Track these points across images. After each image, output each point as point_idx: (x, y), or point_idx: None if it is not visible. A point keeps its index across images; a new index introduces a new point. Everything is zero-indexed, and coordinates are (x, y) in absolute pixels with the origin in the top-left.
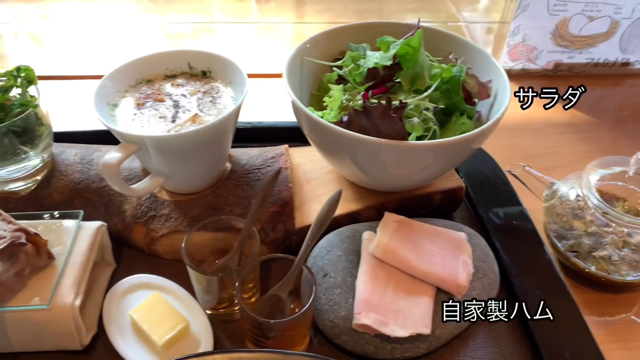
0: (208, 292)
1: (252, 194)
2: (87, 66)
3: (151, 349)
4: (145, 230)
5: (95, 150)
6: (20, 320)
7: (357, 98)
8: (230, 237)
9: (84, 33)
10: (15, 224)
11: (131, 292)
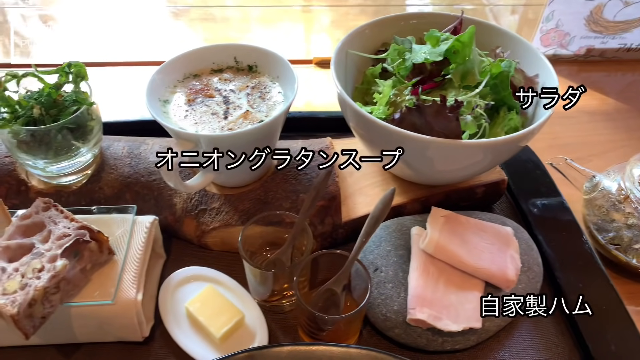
0: (262, 284)
1: (300, 188)
2: (110, 53)
3: (208, 341)
4: (195, 223)
5: (141, 143)
6: (85, 314)
7: (404, 93)
8: (280, 230)
9: (98, 18)
10: (78, 221)
11: (184, 283)
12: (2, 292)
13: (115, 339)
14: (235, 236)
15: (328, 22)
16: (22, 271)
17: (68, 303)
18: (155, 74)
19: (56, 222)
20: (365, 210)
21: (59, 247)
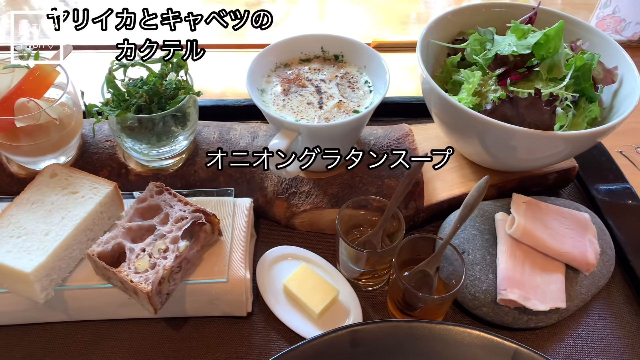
0: (355, 264)
1: (385, 174)
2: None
3: (306, 316)
4: (286, 205)
5: (230, 128)
6: (198, 290)
7: (489, 83)
8: (367, 214)
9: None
10: (191, 204)
11: (278, 261)
12: (135, 270)
13: (221, 313)
14: (322, 218)
15: (382, 5)
16: (149, 251)
17: (187, 281)
18: (252, 65)
19: (172, 205)
20: (444, 195)
21: (179, 229)
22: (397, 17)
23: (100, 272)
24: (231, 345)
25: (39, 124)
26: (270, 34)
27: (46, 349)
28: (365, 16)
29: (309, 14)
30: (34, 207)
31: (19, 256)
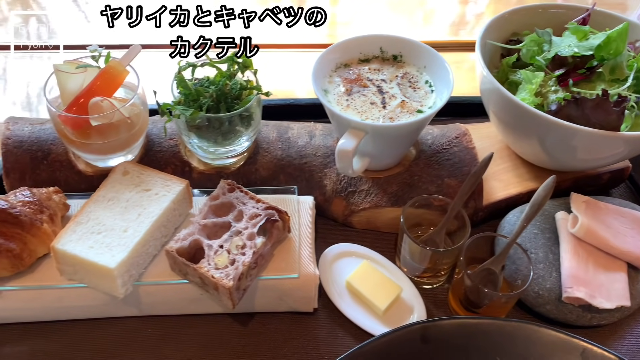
0: (418, 262)
1: (444, 172)
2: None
3: (371, 313)
4: (345, 203)
5: (287, 128)
6: (270, 286)
7: (549, 84)
8: (427, 213)
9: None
10: (263, 202)
11: (339, 259)
12: (215, 267)
13: (288, 309)
14: (381, 217)
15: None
16: (227, 247)
17: (260, 277)
18: (315, 65)
19: (244, 202)
20: (501, 194)
21: (254, 226)
22: (426, 18)
23: (177, 268)
24: (298, 340)
25: (111, 122)
26: (316, 32)
27: (116, 343)
28: (396, 17)
29: (342, 14)
30: (110, 204)
31: (101, 252)
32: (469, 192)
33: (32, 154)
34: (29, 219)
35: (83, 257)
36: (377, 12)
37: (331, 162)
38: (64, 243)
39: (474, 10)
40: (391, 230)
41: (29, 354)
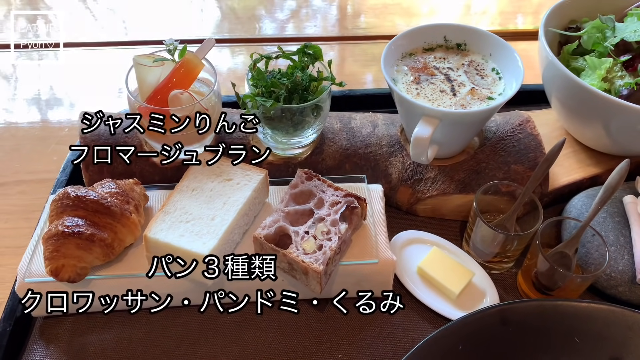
0: (489, 246)
1: (510, 159)
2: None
3: (444, 297)
4: (411, 191)
5: (350, 118)
6: (349, 271)
7: (614, 70)
8: (495, 199)
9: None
10: (342, 190)
11: (408, 245)
12: (303, 252)
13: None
14: (447, 204)
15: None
16: (312, 233)
17: (341, 262)
18: (384, 54)
19: (323, 190)
20: (565, 180)
21: (336, 213)
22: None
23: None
24: (375, 325)
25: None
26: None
27: (198, 329)
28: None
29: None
30: (194, 193)
31: (191, 240)
32: (541, 177)
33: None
34: (119, 209)
35: (175, 245)
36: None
37: (396, 150)
38: (155, 232)
39: (512, 1)
40: (456, 218)
41: (114, 341)
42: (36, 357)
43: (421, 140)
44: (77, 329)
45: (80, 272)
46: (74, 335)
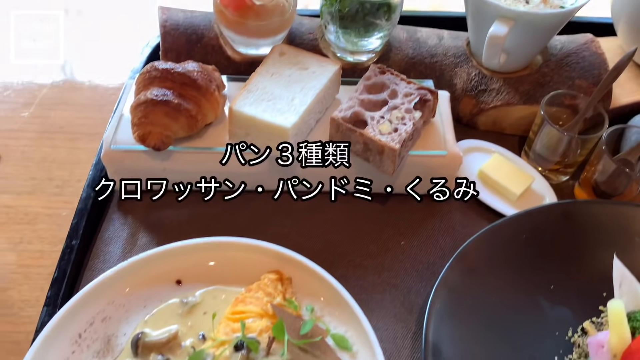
0: (553, 153)
1: (574, 74)
2: None
3: (504, 199)
4: (474, 102)
5: (416, 30)
6: (417, 163)
7: None
8: (558, 111)
9: None
10: (414, 83)
11: (468, 153)
12: (379, 132)
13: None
14: (509, 116)
15: None
16: (388, 118)
17: (412, 151)
18: None
19: (396, 83)
20: (625, 100)
21: (410, 102)
22: None
23: (339, 137)
24: (435, 220)
25: (267, 6)
26: None
27: (268, 211)
28: None
29: None
30: (274, 77)
31: (274, 115)
32: (608, 87)
33: (187, 37)
34: (204, 83)
35: (260, 118)
36: None
37: (461, 61)
38: (240, 105)
39: None
40: (515, 132)
41: (188, 215)
42: (115, 225)
43: (496, 39)
44: (154, 205)
45: (165, 140)
46: (151, 209)
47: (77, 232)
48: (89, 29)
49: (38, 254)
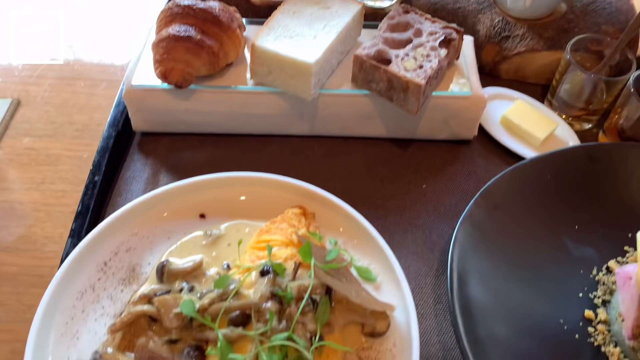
0: (577, 98)
1: (600, 20)
2: None
3: (528, 145)
4: (497, 48)
5: None
6: (440, 105)
7: None
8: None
9: None
10: (439, 22)
11: (491, 99)
12: (404, 69)
13: (448, 136)
14: (532, 63)
15: None
16: (412, 55)
17: (436, 92)
18: None
19: (421, 22)
20: None
21: (435, 40)
22: None
23: (361, 77)
24: (456, 165)
25: None
26: None
27: (287, 156)
28: None
29: None
30: (295, 15)
31: (296, 51)
32: (636, 30)
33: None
34: (226, 20)
35: (283, 54)
36: None
37: (485, 8)
38: (262, 42)
39: None
40: (538, 81)
41: (207, 158)
42: (136, 165)
43: None
44: (174, 146)
45: (187, 77)
46: (171, 151)
47: (100, 168)
48: None
49: (60, 193)
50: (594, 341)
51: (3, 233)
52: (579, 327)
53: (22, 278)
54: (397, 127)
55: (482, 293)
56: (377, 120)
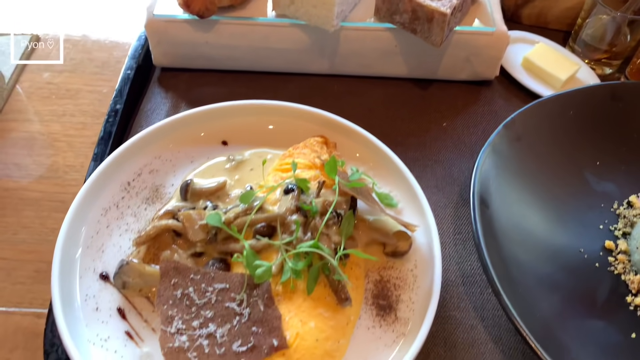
0: (601, 41)
1: None
2: None
3: (549, 86)
4: None
5: None
6: (462, 42)
7: None
8: None
9: None
10: None
11: (512, 43)
12: None
13: (469, 76)
14: (555, 7)
15: None
16: None
17: (459, 28)
18: None
19: None
20: None
21: None
22: None
23: (385, 7)
24: (477, 105)
25: None
26: None
27: (307, 94)
28: None
29: None
30: None
31: None
32: None
33: None
34: None
35: None
36: None
37: None
38: None
39: None
40: (560, 27)
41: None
42: (157, 99)
43: None
44: (193, 82)
45: (209, 6)
46: (190, 86)
47: (122, 97)
48: None
49: (81, 125)
50: (614, 269)
51: (26, 161)
52: (599, 256)
53: (45, 203)
54: (419, 66)
55: (503, 217)
56: (399, 58)
